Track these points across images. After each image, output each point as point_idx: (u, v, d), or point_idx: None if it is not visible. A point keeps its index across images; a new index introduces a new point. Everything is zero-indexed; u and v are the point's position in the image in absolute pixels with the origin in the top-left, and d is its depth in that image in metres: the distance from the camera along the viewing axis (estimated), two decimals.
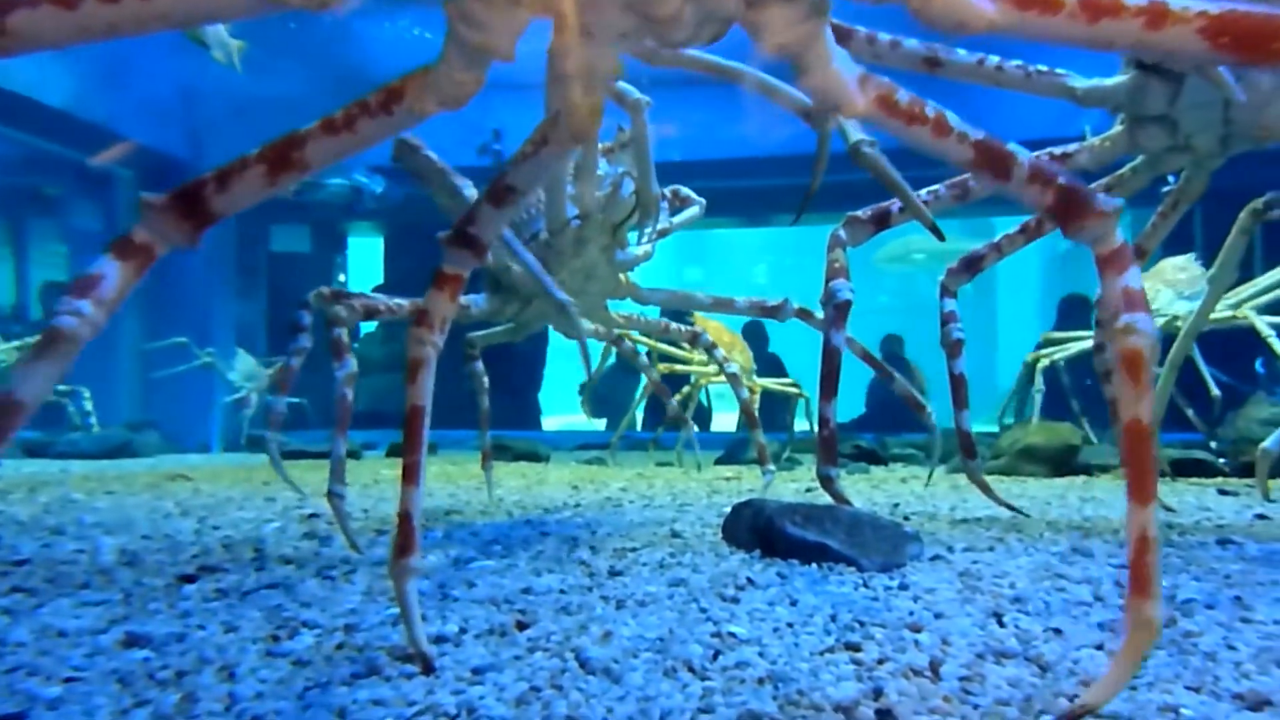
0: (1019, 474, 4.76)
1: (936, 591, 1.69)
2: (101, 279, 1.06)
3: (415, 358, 1.35)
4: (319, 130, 1.14)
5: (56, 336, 1.03)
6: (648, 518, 2.90)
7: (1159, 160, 2.31)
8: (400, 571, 1.34)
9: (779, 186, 10.41)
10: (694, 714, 1.07)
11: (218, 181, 1.13)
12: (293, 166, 1.14)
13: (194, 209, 1.13)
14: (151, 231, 1.11)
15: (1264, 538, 2.34)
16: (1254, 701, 1.08)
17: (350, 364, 2.54)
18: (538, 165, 1.31)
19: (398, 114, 1.13)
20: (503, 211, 1.35)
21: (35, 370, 1.03)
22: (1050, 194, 1.06)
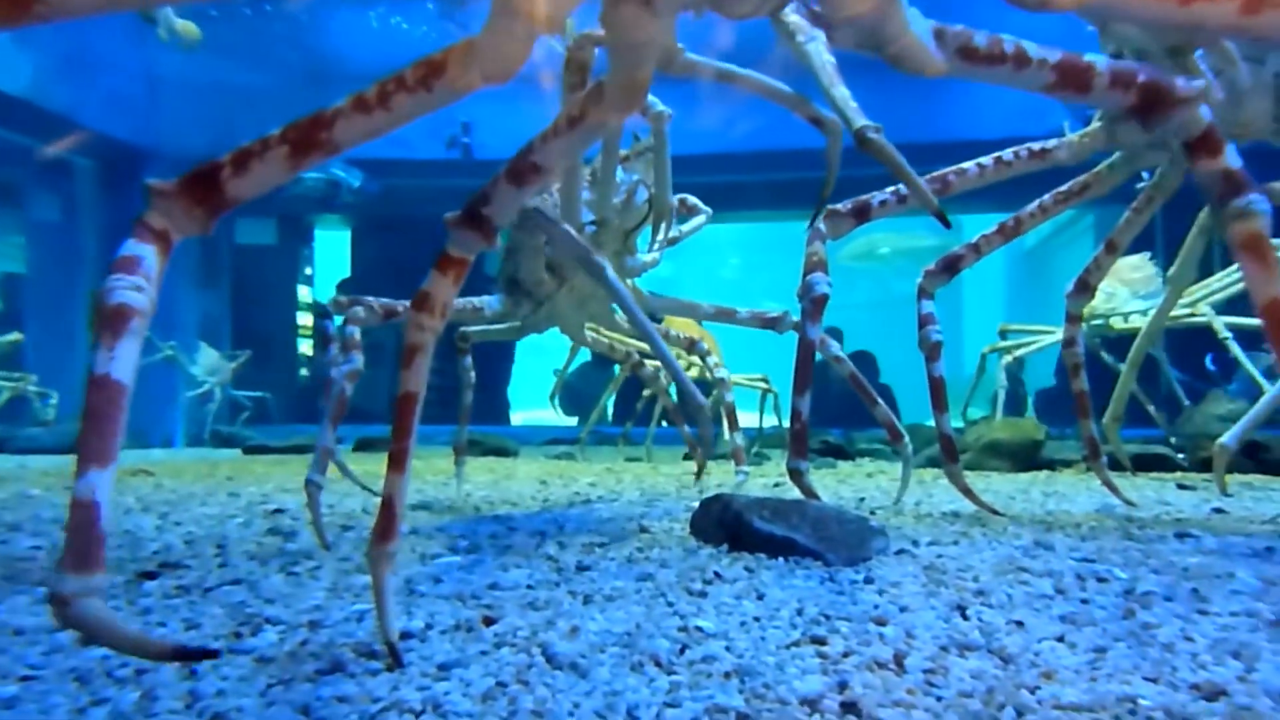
0: (984, 469, 4.81)
1: (901, 585, 1.70)
2: (139, 260, 1.04)
3: (413, 343, 1.32)
4: (349, 108, 1.10)
5: (126, 313, 1.00)
6: (616, 513, 2.90)
7: (1136, 156, 2.34)
8: (378, 557, 1.32)
9: (749, 182, 10.46)
10: (660, 708, 1.07)
11: (235, 165, 1.09)
12: (319, 148, 1.09)
13: (207, 195, 1.08)
14: (163, 218, 1.07)
15: (1221, 531, 2.38)
16: (1210, 692, 1.10)
17: (356, 360, 2.54)
18: (569, 143, 1.24)
19: (438, 90, 1.09)
20: (523, 192, 1.29)
21: (121, 350, 1.00)
22: (1133, 93, 1.05)
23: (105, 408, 1.00)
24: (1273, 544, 2.14)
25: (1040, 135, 2.49)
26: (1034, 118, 6.44)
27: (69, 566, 0.96)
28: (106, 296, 1.01)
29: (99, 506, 0.98)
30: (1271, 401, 3.07)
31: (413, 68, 1.10)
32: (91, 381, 0.99)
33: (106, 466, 0.99)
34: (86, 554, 0.97)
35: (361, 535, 2.43)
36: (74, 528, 0.97)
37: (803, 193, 10.98)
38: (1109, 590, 1.65)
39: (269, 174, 1.09)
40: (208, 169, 1.09)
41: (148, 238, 1.06)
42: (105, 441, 0.99)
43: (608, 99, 1.07)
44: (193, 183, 1.08)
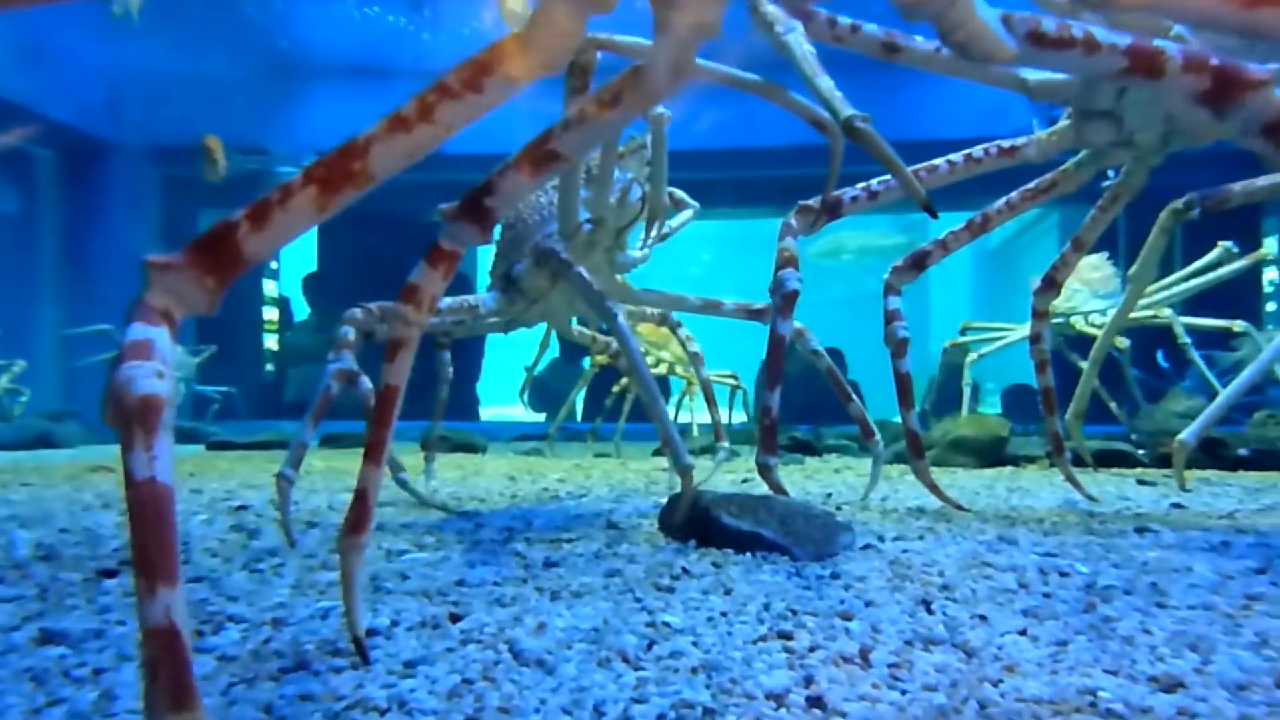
0: (949, 465, 4.85)
1: (867, 580, 1.71)
2: (152, 344, 0.91)
3: (398, 337, 1.27)
4: (384, 130, 1.00)
5: (155, 404, 0.86)
6: (584, 509, 2.90)
7: (1103, 155, 2.37)
8: (349, 548, 1.30)
9: (718, 179, 10.48)
10: (627, 704, 1.07)
11: (251, 220, 0.96)
12: (353, 181, 0.99)
13: (220, 261, 0.95)
14: (167, 296, 0.94)
15: (1179, 525, 2.42)
16: (1168, 684, 1.12)
17: (346, 360, 2.50)
18: (596, 130, 1.16)
19: (490, 89, 1.01)
20: (535, 181, 1.21)
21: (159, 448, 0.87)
22: (1206, 77, 1.05)
23: (159, 517, 0.85)
24: (1229, 538, 2.18)
25: (1008, 134, 2.51)
26: (1002, 117, 6.50)
27: (164, 707, 0.81)
28: (128, 388, 0.87)
29: (181, 633, 0.83)
30: (1229, 399, 3.13)
31: (455, 72, 1.01)
32: (135, 489, 0.85)
33: (176, 585, 0.84)
34: (182, 688, 0.81)
35: (327, 533, 2.41)
36: (159, 659, 0.82)
37: (772, 190, 11.03)
38: (1071, 584, 1.67)
39: (295, 223, 0.97)
40: (219, 231, 0.96)
41: (154, 319, 0.93)
42: (168, 557, 0.84)
43: (649, 83, 1.02)
44: (203, 250, 0.95)
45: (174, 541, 0.85)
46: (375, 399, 1.30)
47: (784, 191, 2.87)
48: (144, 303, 0.94)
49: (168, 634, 0.82)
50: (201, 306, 0.96)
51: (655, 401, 2.27)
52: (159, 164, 11.47)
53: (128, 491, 0.85)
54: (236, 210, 0.97)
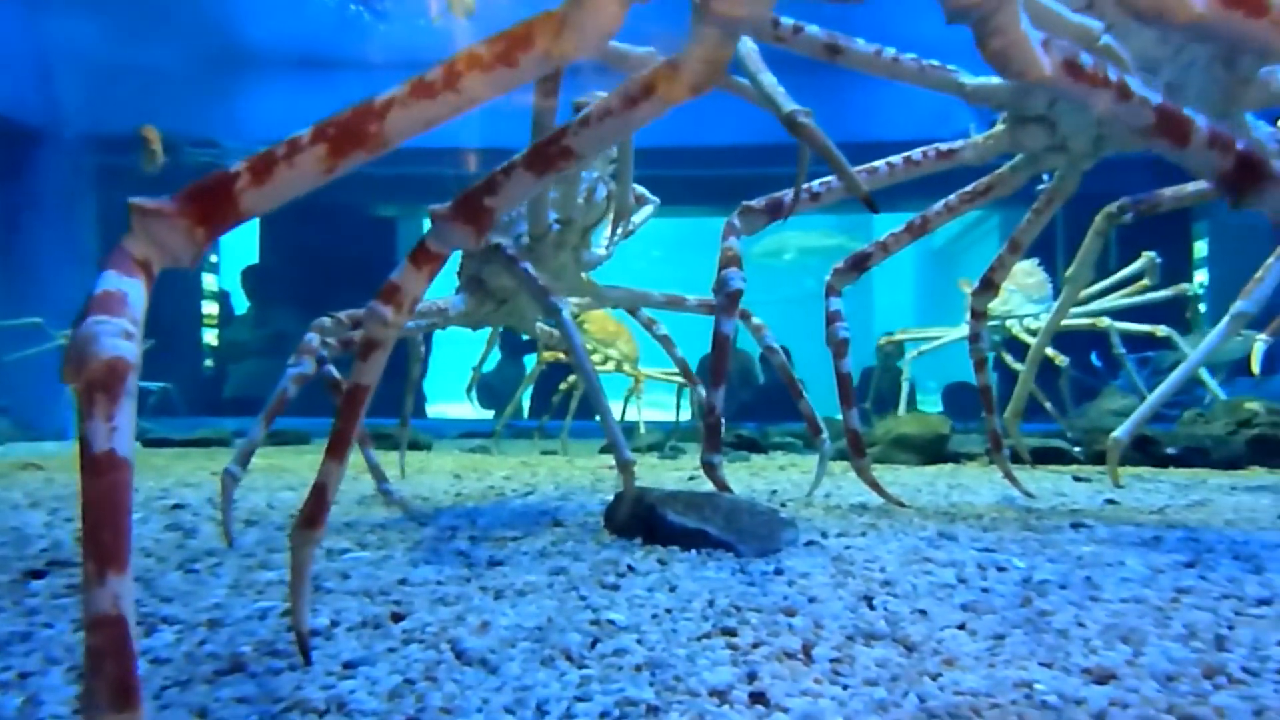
0: (892, 462, 4.92)
1: (810, 576, 1.73)
2: (124, 297, 0.84)
3: (373, 338, 1.22)
4: (407, 94, 0.95)
5: (120, 369, 0.80)
6: (530, 506, 2.89)
7: (1037, 159, 2.41)
8: (302, 541, 1.25)
9: (665, 177, 10.49)
10: (570, 703, 1.06)
11: (253, 173, 0.91)
12: (366, 144, 0.94)
13: (214, 211, 0.90)
14: (149, 244, 0.89)
15: (1113, 521, 2.49)
16: (1101, 675, 1.14)
17: (306, 365, 2.50)
18: (618, 127, 1.11)
19: (524, 64, 0.96)
20: (542, 181, 1.16)
21: (121, 417, 0.81)
22: (1229, 158, 1.04)
23: (114, 494, 0.79)
24: (1160, 533, 2.24)
25: (947, 137, 2.55)
26: (940, 121, 6.60)
27: (105, 704, 0.76)
28: (91, 346, 0.80)
29: (129, 624, 0.78)
30: (1160, 398, 3.22)
31: (488, 43, 0.96)
32: (90, 463, 0.79)
33: (127, 572, 0.79)
34: (123, 685, 0.77)
35: (266, 532, 2.36)
36: (102, 651, 0.77)
37: (718, 189, 11.08)
38: (1008, 579, 1.70)
39: (299, 180, 0.93)
40: (216, 180, 0.91)
41: (131, 269, 0.86)
42: (121, 540, 0.78)
43: (686, 77, 0.99)
44: (196, 198, 0.90)
45: (128, 524, 0.79)
46: (344, 396, 1.26)
47: (729, 191, 2.89)
48: (122, 250, 0.88)
49: (115, 624, 0.77)
50: (185, 259, 0.91)
51: (598, 397, 2.26)
52: (95, 154, 11.16)
53: (82, 464, 0.79)
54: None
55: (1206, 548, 2.04)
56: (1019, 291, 6.38)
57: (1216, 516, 2.61)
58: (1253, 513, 2.68)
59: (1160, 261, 5.60)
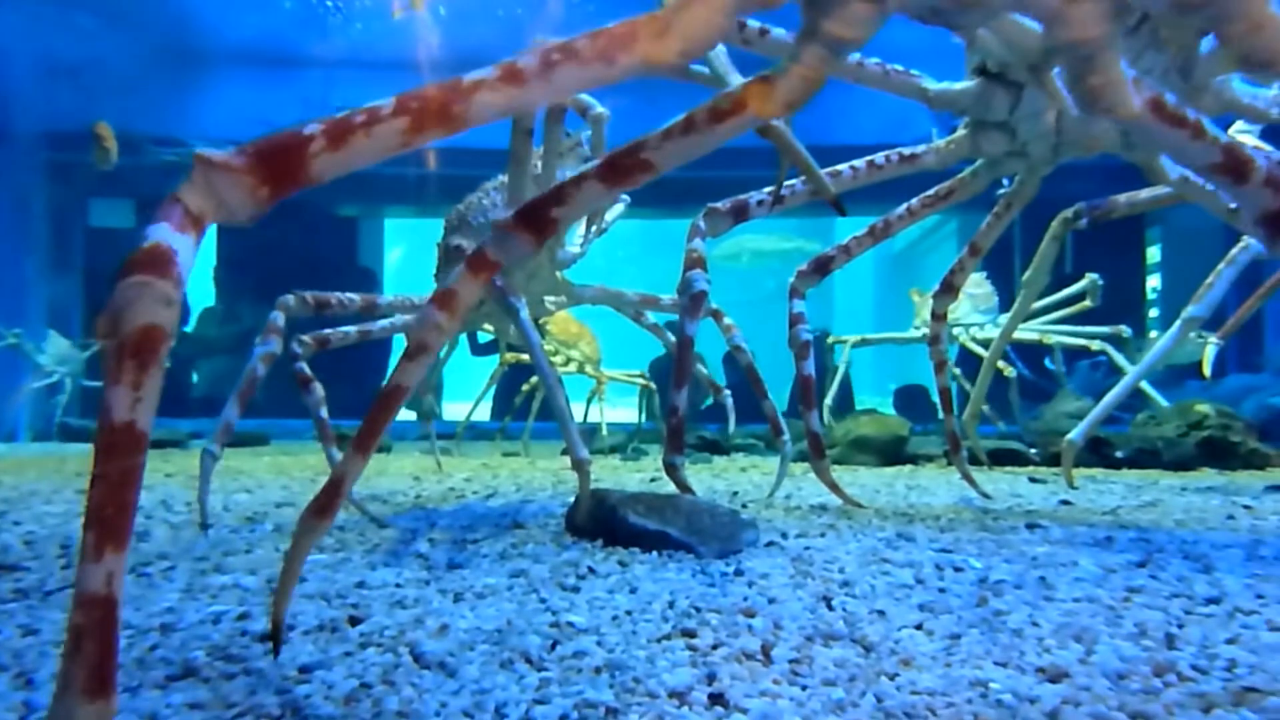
0: (851, 463, 4.96)
1: (770, 577, 1.74)
2: (173, 256, 0.80)
3: (423, 341, 1.20)
4: (497, 79, 0.93)
5: (155, 337, 0.77)
6: (490, 509, 2.87)
7: (997, 164, 2.44)
8: (308, 529, 1.21)
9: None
10: (529, 705, 1.06)
11: (330, 137, 0.88)
12: (448, 123, 0.92)
13: (284, 171, 0.87)
14: (208, 198, 0.85)
15: (1067, 521, 2.52)
16: (1054, 674, 1.16)
17: (274, 345, 2.57)
18: (701, 142, 1.08)
19: (620, 64, 0.94)
20: (613, 193, 1.13)
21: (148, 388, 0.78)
22: (1278, 200, 1.08)
23: (127, 469, 0.76)
24: (1112, 533, 2.28)
25: (909, 142, 2.58)
26: (902, 126, 6.68)
27: (82, 690, 0.73)
28: (130, 308, 0.76)
29: (118, 606, 0.75)
30: (1114, 401, 3.28)
31: (590, 38, 0.94)
32: (107, 432, 0.75)
33: (123, 551, 0.76)
34: (102, 670, 0.74)
35: (220, 534, 2.32)
36: (84, 631, 0.74)
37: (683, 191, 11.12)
38: (965, 579, 1.72)
39: (374, 151, 0.90)
40: (290, 140, 0.87)
41: (184, 224, 0.82)
42: (125, 517, 0.76)
43: (783, 93, 0.98)
44: (266, 156, 0.86)
45: (135, 501, 0.77)
46: (382, 394, 1.24)
47: (694, 193, 2.91)
48: (178, 201, 0.84)
49: (104, 604, 0.75)
50: (242, 216, 0.87)
51: (556, 396, 2.26)
52: (46, 150, 10.94)
53: (100, 432, 0.76)
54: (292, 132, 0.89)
55: (1157, 548, 2.08)
56: (968, 300, 6.52)
57: (1167, 517, 2.66)
58: (1202, 513, 2.74)
59: (1102, 284, 5.78)
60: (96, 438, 0.77)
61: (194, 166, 0.85)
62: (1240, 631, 1.35)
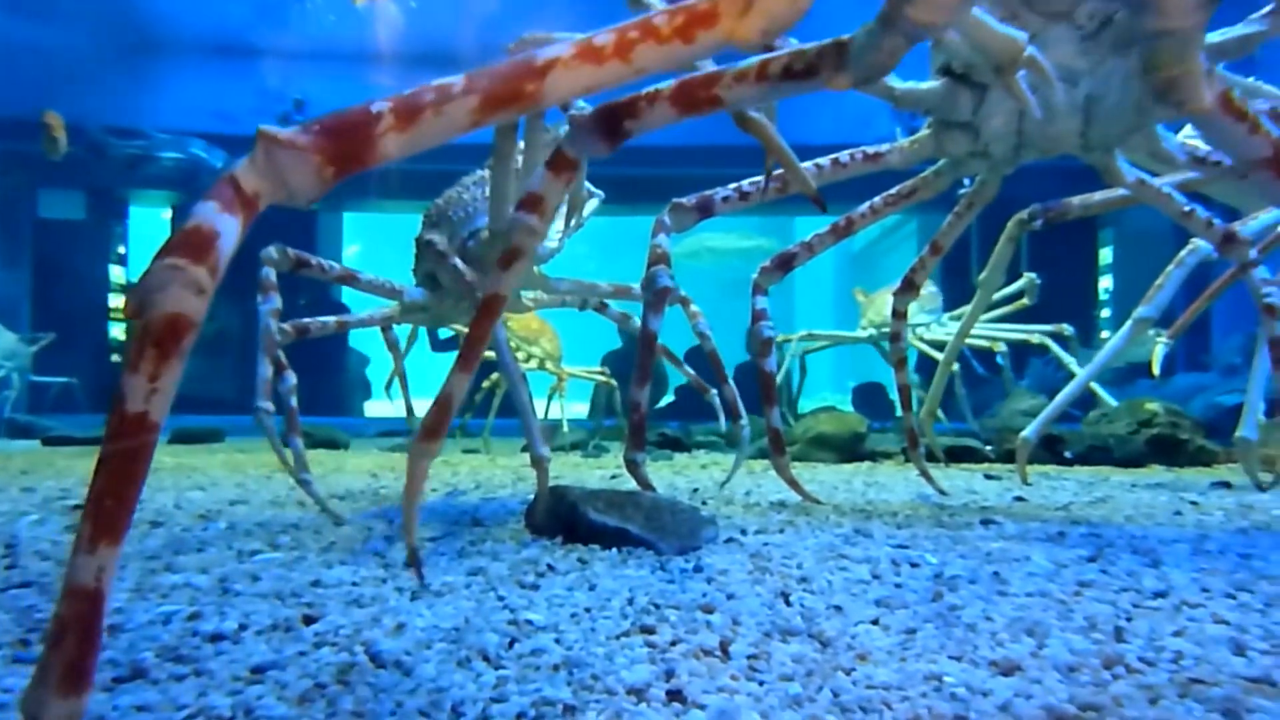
0: (811, 460, 5.00)
1: (729, 573, 1.74)
2: (215, 239, 0.77)
3: (520, 246, 1.22)
4: (573, 56, 0.91)
5: (181, 326, 0.74)
6: (449, 506, 2.85)
7: (960, 164, 2.47)
8: (420, 453, 1.26)
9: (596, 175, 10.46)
10: (486, 704, 1.05)
11: (399, 115, 0.85)
12: (520, 101, 0.90)
13: (352, 151, 0.84)
14: (267, 177, 0.82)
15: (1021, 517, 2.56)
16: (1007, 668, 1.18)
17: (274, 300, 2.64)
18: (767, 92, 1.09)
19: (701, 42, 0.92)
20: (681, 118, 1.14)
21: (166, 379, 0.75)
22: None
23: (133, 461, 0.74)
24: (1064, 529, 2.32)
25: (873, 141, 2.60)
26: (866, 125, 6.73)
27: (56, 684, 0.72)
28: (158, 293, 0.73)
29: (104, 602, 0.74)
30: (1067, 399, 3.33)
31: (668, 15, 0.92)
32: (119, 420, 0.73)
33: (118, 545, 0.74)
34: (79, 666, 0.73)
35: (172, 532, 2.28)
36: (67, 624, 0.72)
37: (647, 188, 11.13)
38: (920, 575, 1.74)
39: (444, 131, 0.87)
40: (357, 118, 0.85)
41: (233, 205, 0.79)
42: (124, 511, 0.74)
43: (856, 69, 0.97)
44: (333, 134, 0.83)
45: (137, 495, 0.76)
46: (482, 304, 1.27)
47: (658, 190, 2.91)
48: (232, 179, 0.80)
49: (90, 599, 0.73)
50: (304, 198, 0.84)
51: (519, 393, 2.26)
52: None
53: (110, 419, 0.74)
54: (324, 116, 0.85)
55: (1107, 543, 2.11)
56: (914, 301, 6.67)
57: (1117, 513, 2.71)
58: (1151, 509, 2.80)
59: (1040, 283, 5.94)
60: (107, 423, 0.75)
61: (258, 143, 0.82)
62: (1186, 624, 1.37)
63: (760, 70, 1.08)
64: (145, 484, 2.13)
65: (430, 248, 2.61)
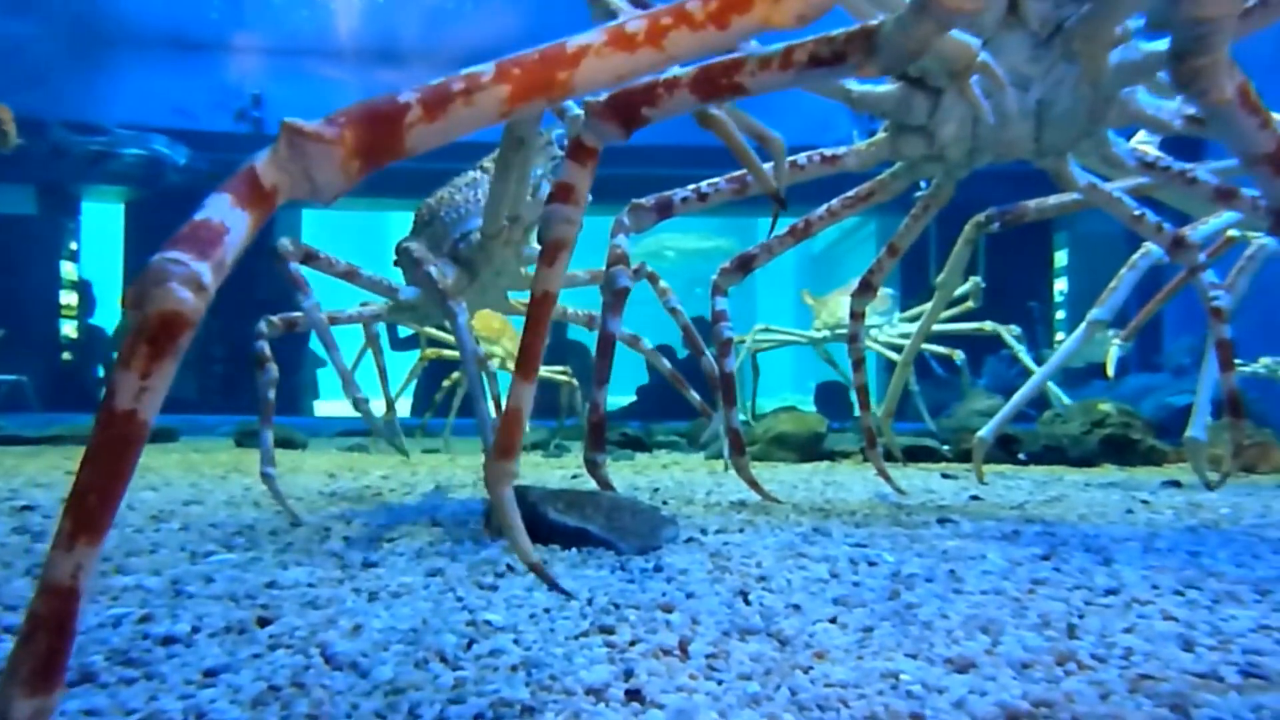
0: (771, 459, 5.03)
1: (689, 572, 1.75)
2: (223, 235, 0.74)
3: (560, 238, 1.21)
4: (605, 44, 0.88)
5: (176, 324, 0.72)
6: (408, 506, 2.83)
7: (916, 167, 2.49)
8: (498, 477, 1.23)
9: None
10: (444, 705, 1.04)
11: (426, 106, 0.82)
12: (552, 90, 0.87)
13: (380, 143, 0.81)
14: (287, 170, 0.79)
15: (976, 516, 2.60)
16: (962, 664, 1.19)
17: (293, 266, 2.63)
18: (793, 79, 1.08)
19: (735, 27, 0.90)
20: (700, 105, 1.15)
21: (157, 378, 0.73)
22: None
23: (118, 458, 0.73)
24: (1019, 527, 2.35)
25: (830, 143, 2.62)
26: (823, 128, 6.77)
27: (23, 682, 0.70)
28: (156, 287, 0.71)
29: (80, 601, 0.72)
30: (1022, 399, 3.38)
31: (702, 1, 0.90)
32: (107, 417, 0.72)
33: (97, 544, 0.73)
34: (49, 665, 0.71)
35: (123, 533, 2.24)
36: (40, 621, 0.71)
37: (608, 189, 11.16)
38: (878, 573, 1.75)
39: (473, 121, 0.85)
40: (384, 108, 0.82)
41: (247, 198, 0.76)
42: (106, 510, 0.73)
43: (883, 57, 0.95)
44: (365, 124, 0.80)
45: (120, 494, 0.74)
46: (530, 306, 1.25)
47: (618, 191, 2.91)
48: (249, 172, 0.77)
49: (65, 597, 0.72)
50: (328, 193, 0.81)
51: (477, 397, 2.27)
52: None
53: (99, 414, 0.72)
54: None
55: (1061, 541, 2.15)
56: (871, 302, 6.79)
57: (1071, 511, 2.76)
58: (1103, 508, 2.85)
59: (984, 286, 6.08)
60: (95, 419, 0.74)
61: (281, 135, 0.79)
62: (1137, 621, 1.40)
63: (785, 57, 1.07)
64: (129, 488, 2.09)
65: (406, 254, 2.62)
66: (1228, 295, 2.81)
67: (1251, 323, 5.76)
